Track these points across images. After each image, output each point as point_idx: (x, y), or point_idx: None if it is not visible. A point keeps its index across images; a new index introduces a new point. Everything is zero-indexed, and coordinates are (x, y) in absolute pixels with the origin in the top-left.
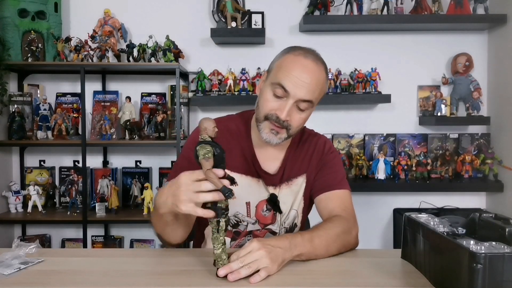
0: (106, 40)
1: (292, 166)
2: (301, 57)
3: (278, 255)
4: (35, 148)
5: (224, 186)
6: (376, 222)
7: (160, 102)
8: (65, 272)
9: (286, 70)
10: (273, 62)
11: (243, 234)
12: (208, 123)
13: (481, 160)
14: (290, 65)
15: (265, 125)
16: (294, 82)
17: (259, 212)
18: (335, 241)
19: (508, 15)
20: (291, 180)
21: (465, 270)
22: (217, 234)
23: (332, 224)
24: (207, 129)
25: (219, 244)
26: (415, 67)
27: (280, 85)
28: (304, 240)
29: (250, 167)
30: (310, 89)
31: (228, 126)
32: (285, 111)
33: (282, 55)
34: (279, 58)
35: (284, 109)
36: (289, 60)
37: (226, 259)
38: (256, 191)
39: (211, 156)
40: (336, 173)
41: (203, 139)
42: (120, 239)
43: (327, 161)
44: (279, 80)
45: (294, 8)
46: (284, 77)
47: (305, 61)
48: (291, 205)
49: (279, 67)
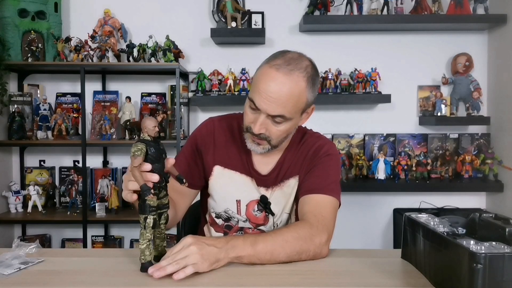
0: (106, 40)
1: (286, 167)
2: (273, 69)
3: (210, 253)
4: (35, 148)
5: (144, 184)
6: (376, 222)
7: (160, 102)
8: (65, 272)
9: (256, 84)
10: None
11: (235, 230)
12: (149, 122)
13: (481, 160)
14: (260, 79)
15: (248, 136)
16: (261, 97)
17: (250, 211)
18: (283, 247)
19: (508, 15)
20: (284, 182)
21: (465, 270)
22: (144, 230)
23: (288, 229)
24: (147, 128)
25: (144, 240)
26: (415, 67)
27: (251, 100)
28: (245, 243)
29: (244, 165)
30: (279, 104)
31: (230, 123)
32: (257, 125)
33: (261, 65)
34: (258, 68)
35: (257, 122)
36: (261, 73)
37: (149, 255)
38: (248, 190)
39: (140, 154)
40: (325, 178)
41: (143, 138)
42: (120, 239)
43: (318, 163)
44: (250, 95)
45: (294, 8)
46: (254, 92)
47: (276, 74)
48: (283, 207)
49: (254, 80)
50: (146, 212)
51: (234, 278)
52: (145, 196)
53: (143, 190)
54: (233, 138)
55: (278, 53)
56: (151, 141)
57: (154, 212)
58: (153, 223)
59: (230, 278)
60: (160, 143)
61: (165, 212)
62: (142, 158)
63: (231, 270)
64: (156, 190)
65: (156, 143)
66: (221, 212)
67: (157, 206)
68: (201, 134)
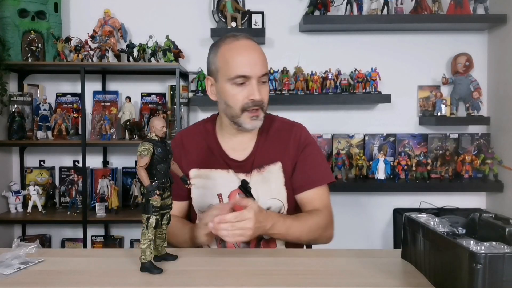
0: (106, 40)
1: (263, 153)
2: (235, 42)
3: (258, 230)
4: (35, 148)
5: (149, 184)
6: (376, 222)
7: (160, 102)
8: (65, 272)
9: (233, 59)
10: (211, 63)
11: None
12: (157, 122)
13: (481, 160)
14: (233, 53)
15: (245, 117)
16: (248, 65)
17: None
18: (306, 234)
19: (508, 15)
20: (263, 167)
21: (465, 270)
22: (146, 230)
23: (312, 218)
24: (155, 128)
25: (145, 239)
26: (415, 67)
27: (238, 76)
28: (283, 225)
29: (218, 160)
30: (262, 63)
31: (196, 130)
32: (256, 92)
33: (216, 52)
34: (216, 55)
35: (255, 91)
36: (228, 50)
37: (150, 255)
38: (226, 181)
39: (147, 154)
40: (318, 167)
41: (150, 137)
42: (120, 239)
43: (307, 154)
44: (235, 73)
45: (294, 8)
46: (237, 66)
47: (245, 41)
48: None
49: (224, 62)
50: (149, 212)
51: (234, 278)
52: (149, 196)
53: (148, 191)
54: (201, 141)
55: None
56: (158, 141)
57: (157, 213)
58: (155, 223)
59: (230, 278)
60: (167, 144)
61: (167, 213)
62: (149, 158)
63: (231, 270)
64: (161, 191)
65: (163, 144)
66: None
67: (160, 207)
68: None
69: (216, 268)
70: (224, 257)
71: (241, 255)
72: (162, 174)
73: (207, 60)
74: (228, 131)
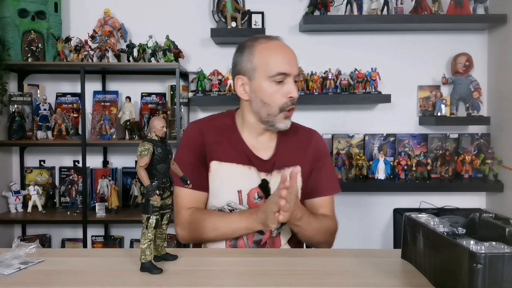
0: (106, 40)
1: (284, 154)
2: (271, 42)
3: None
4: (35, 148)
5: (149, 184)
6: (376, 222)
7: (160, 102)
8: (65, 272)
9: (273, 57)
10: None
11: None
12: (157, 122)
13: (481, 160)
14: (273, 52)
15: (280, 116)
16: (288, 63)
17: (251, 200)
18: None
19: (508, 15)
20: (284, 169)
21: (465, 270)
22: (146, 230)
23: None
24: (155, 128)
25: (145, 239)
26: (415, 67)
27: (279, 73)
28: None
29: (241, 155)
30: (297, 63)
31: (214, 123)
32: (294, 90)
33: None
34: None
35: (294, 89)
36: (266, 49)
37: (150, 255)
38: (247, 178)
39: (147, 154)
40: (333, 178)
41: (150, 137)
42: (120, 239)
43: (323, 164)
44: (276, 70)
45: (294, 8)
46: (278, 64)
47: (278, 42)
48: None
49: (264, 60)
50: (149, 212)
51: (234, 278)
52: (149, 196)
53: (148, 191)
54: (221, 134)
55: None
56: (158, 141)
57: (157, 213)
58: (155, 223)
59: (230, 278)
60: (167, 144)
61: (167, 213)
62: (149, 158)
63: (231, 270)
64: (161, 191)
65: (163, 143)
66: (224, 206)
67: (160, 207)
68: (192, 137)
69: (216, 268)
70: (224, 257)
71: (241, 255)
72: (162, 174)
73: (236, 60)
74: (253, 129)
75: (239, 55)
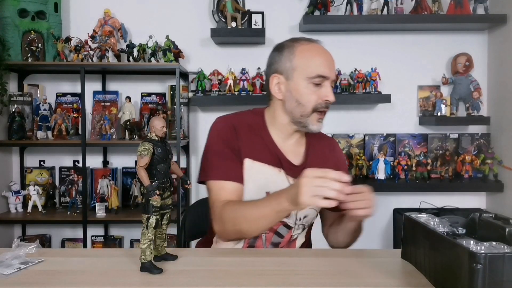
0: (106, 40)
1: (314, 162)
2: (312, 44)
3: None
4: (35, 148)
5: (149, 184)
6: (376, 222)
7: (160, 102)
8: (65, 272)
9: (314, 59)
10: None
11: None
12: (157, 122)
13: (481, 160)
14: (314, 53)
15: (313, 117)
16: (328, 66)
17: None
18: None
19: (508, 15)
20: None
21: (465, 270)
22: (146, 230)
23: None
24: (155, 128)
25: (145, 239)
26: (415, 67)
27: (318, 75)
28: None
29: (273, 157)
30: (334, 68)
31: (245, 120)
32: (331, 94)
33: (292, 51)
34: (293, 54)
35: (330, 93)
36: (308, 50)
37: (150, 255)
38: (276, 181)
39: (147, 154)
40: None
41: (150, 137)
42: (120, 239)
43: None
44: (316, 72)
45: (294, 8)
46: (318, 66)
47: (318, 45)
48: None
49: (304, 61)
50: (149, 212)
51: (234, 278)
52: (149, 196)
53: (148, 191)
54: (253, 132)
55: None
56: (158, 141)
57: (157, 213)
58: (155, 223)
59: (230, 278)
60: (167, 144)
61: (167, 213)
62: (149, 158)
63: (231, 270)
64: (161, 191)
65: (163, 143)
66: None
67: (160, 207)
68: (225, 131)
69: (216, 268)
70: (224, 257)
71: (241, 255)
72: (162, 174)
73: (274, 59)
74: (283, 130)
75: (278, 54)
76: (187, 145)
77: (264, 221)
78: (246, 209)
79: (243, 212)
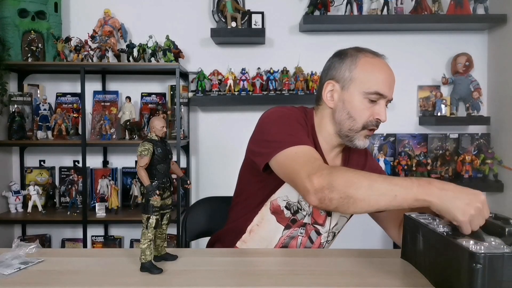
0: (106, 40)
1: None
2: (377, 58)
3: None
4: (35, 148)
5: (149, 184)
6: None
7: (160, 102)
8: (65, 272)
9: (375, 74)
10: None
11: (298, 225)
12: (157, 122)
13: (481, 160)
14: (376, 69)
15: (362, 134)
16: (388, 85)
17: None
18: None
19: (508, 15)
20: None
21: (465, 270)
22: (146, 230)
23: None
24: (155, 128)
25: (145, 239)
26: (415, 67)
27: (376, 92)
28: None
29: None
30: (394, 88)
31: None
32: (384, 113)
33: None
34: (354, 64)
35: (384, 112)
36: (371, 64)
37: (150, 255)
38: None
39: (147, 154)
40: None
41: (150, 137)
42: (120, 239)
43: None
44: (375, 88)
45: (294, 8)
46: (378, 83)
47: (383, 61)
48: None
49: (365, 74)
50: (149, 212)
51: (234, 278)
52: (149, 196)
53: (148, 191)
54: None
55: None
56: (158, 141)
57: (157, 213)
58: (155, 223)
59: (230, 278)
60: (167, 144)
61: (167, 213)
62: (149, 158)
63: (231, 270)
64: (161, 191)
65: (163, 143)
66: (295, 202)
67: (160, 207)
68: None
69: (216, 268)
70: (224, 257)
71: (241, 255)
72: (162, 174)
73: (333, 64)
74: (328, 141)
75: (338, 61)
76: (187, 145)
77: (390, 200)
78: (374, 177)
79: (370, 180)
